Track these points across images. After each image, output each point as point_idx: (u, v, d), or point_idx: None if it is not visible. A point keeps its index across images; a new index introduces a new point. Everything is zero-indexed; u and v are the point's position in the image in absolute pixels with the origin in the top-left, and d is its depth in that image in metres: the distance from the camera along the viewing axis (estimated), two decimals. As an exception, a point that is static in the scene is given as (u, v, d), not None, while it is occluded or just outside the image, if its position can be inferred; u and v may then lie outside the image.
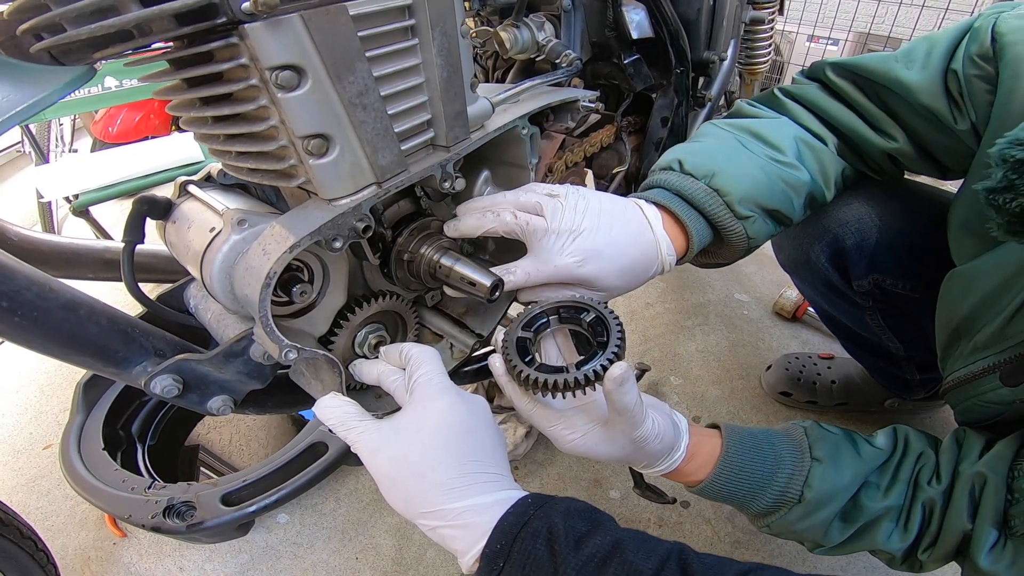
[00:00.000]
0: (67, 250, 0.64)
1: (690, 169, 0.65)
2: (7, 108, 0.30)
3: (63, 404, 1.47)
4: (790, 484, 0.61)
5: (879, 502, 0.60)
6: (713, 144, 0.70)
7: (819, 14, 2.66)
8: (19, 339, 0.42)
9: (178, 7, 0.34)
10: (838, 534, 0.61)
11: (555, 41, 0.75)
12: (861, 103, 0.71)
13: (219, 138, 0.44)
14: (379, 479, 0.48)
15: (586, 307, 0.57)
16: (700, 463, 0.63)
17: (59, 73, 0.34)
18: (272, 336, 0.43)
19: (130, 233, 0.50)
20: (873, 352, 1.10)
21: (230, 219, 0.45)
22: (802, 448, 0.63)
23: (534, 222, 0.58)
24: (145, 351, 0.47)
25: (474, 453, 0.48)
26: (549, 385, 0.51)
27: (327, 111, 0.41)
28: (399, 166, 0.47)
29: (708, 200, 0.64)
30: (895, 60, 0.67)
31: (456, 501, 0.45)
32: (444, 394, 0.50)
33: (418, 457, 0.46)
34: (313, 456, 1.01)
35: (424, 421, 0.48)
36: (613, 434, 0.57)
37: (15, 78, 0.32)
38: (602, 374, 0.50)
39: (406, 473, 0.46)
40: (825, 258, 0.89)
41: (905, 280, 0.86)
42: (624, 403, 0.52)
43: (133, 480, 0.98)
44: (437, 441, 0.47)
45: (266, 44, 0.37)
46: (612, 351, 0.52)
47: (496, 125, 0.57)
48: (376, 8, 0.42)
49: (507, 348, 0.55)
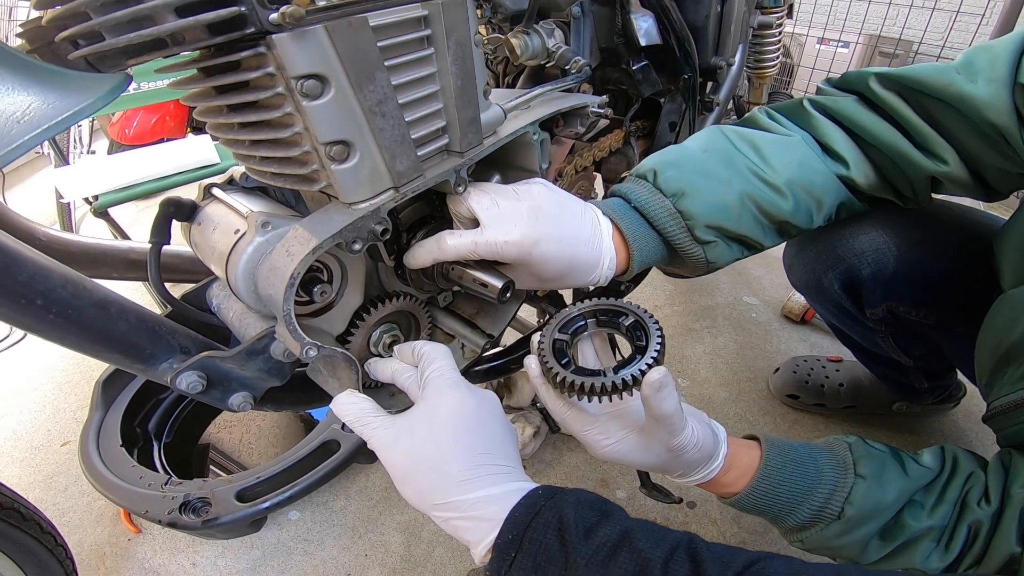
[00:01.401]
0: (94, 250, 0.66)
1: (661, 183, 0.63)
2: (53, 114, 0.31)
3: (80, 401, 1.50)
4: (831, 500, 0.59)
5: (923, 521, 0.58)
6: (696, 156, 0.67)
7: (829, 16, 2.66)
8: (53, 336, 0.44)
9: (211, 18, 0.36)
10: (875, 552, 0.60)
11: (565, 48, 0.77)
12: (908, 119, 0.64)
13: (244, 143, 0.46)
14: (393, 473, 0.49)
15: (625, 311, 0.56)
16: (737, 474, 0.61)
17: (100, 80, 0.35)
18: (295, 334, 0.45)
19: (157, 234, 0.52)
20: (882, 363, 1.11)
21: (254, 221, 0.47)
22: (846, 464, 0.61)
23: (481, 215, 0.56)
24: (171, 348, 0.49)
25: (484, 446, 0.48)
26: (586, 388, 0.51)
27: (349, 118, 0.42)
28: (415, 171, 0.49)
29: (669, 222, 0.63)
30: (956, 72, 0.61)
31: (467, 493, 0.46)
32: (454, 389, 0.51)
33: (430, 450, 0.47)
34: (325, 454, 1.02)
35: (435, 415, 0.49)
36: (649, 442, 0.56)
37: (60, 85, 0.34)
38: (640, 379, 0.49)
39: (419, 466, 0.47)
40: (838, 285, 0.87)
41: (919, 308, 0.84)
42: (663, 410, 0.51)
43: (150, 476, 1.00)
44: (448, 434, 0.48)
45: (292, 54, 0.39)
46: (652, 355, 0.51)
47: (508, 131, 0.59)
48: (394, 19, 0.44)
49: (543, 350, 0.55)
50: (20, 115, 0.31)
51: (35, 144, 0.30)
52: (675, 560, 0.41)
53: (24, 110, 0.31)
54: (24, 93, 0.32)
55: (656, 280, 1.74)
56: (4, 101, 0.32)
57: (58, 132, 0.32)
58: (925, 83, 0.62)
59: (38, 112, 0.32)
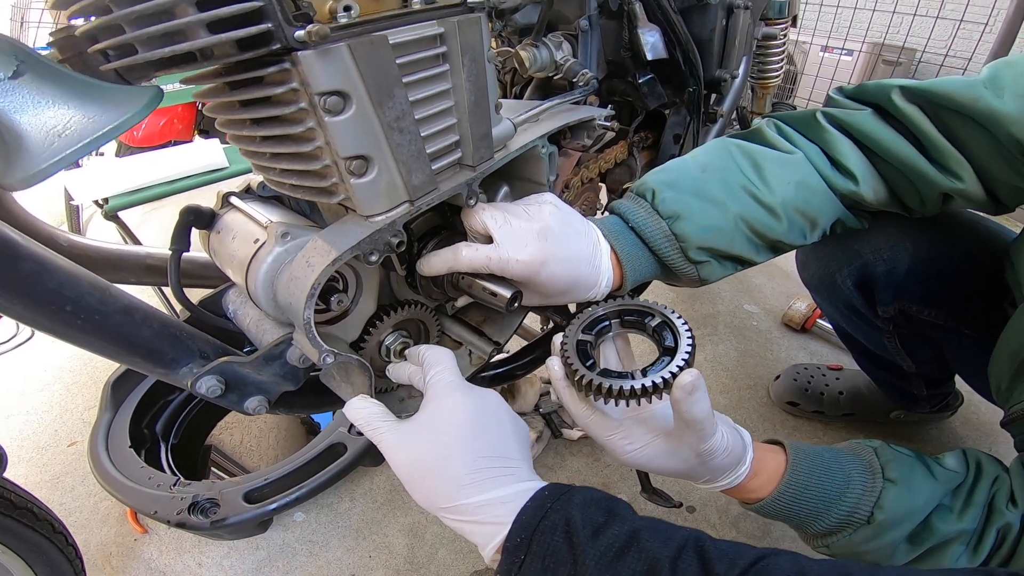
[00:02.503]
0: (112, 255, 0.67)
1: (658, 205, 0.65)
2: (94, 128, 0.33)
3: (88, 402, 1.52)
4: (859, 504, 0.59)
5: (952, 525, 0.58)
6: (694, 176, 0.67)
7: (833, 24, 2.68)
8: (80, 341, 0.45)
9: (241, 35, 0.37)
10: (903, 556, 0.59)
11: (572, 60, 0.78)
12: (928, 134, 0.64)
13: (265, 155, 0.48)
14: (400, 476, 0.50)
15: (651, 311, 0.55)
16: (764, 480, 0.61)
17: (137, 93, 0.37)
18: (314, 342, 0.46)
19: (177, 241, 0.54)
20: (884, 368, 1.12)
21: (274, 232, 0.48)
22: (873, 468, 0.61)
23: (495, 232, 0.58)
24: (191, 353, 0.50)
25: (485, 448, 0.48)
26: (613, 392, 0.49)
27: (368, 134, 0.44)
28: (430, 185, 0.50)
29: (664, 243, 0.65)
30: (983, 87, 0.60)
31: (472, 496, 0.46)
32: (454, 392, 0.51)
33: (433, 455, 0.48)
34: (332, 456, 1.04)
35: (437, 419, 0.50)
36: (677, 446, 0.55)
37: (99, 98, 0.35)
38: (671, 382, 0.48)
39: (423, 470, 0.48)
40: (852, 282, 0.88)
41: (931, 308, 0.85)
42: (694, 414, 0.50)
43: (159, 477, 1.02)
44: (448, 438, 0.48)
45: (316, 71, 0.40)
46: (683, 357, 0.49)
47: (518, 145, 0.61)
48: (412, 37, 0.46)
49: (567, 351, 0.54)
50: (61, 129, 0.33)
51: (75, 159, 0.32)
52: (683, 559, 0.41)
53: (65, 124, 0.33)
54: (65, 107, 0.34)
55: (657, 288, 1.76)
56: (46, 115, 0.33)
57: (98, 147, 0.33)
58: (953, 98, 0.61)
59: (79, 126, 0.33)
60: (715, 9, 0.86)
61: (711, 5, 0.85)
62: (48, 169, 0.31)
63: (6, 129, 0.32)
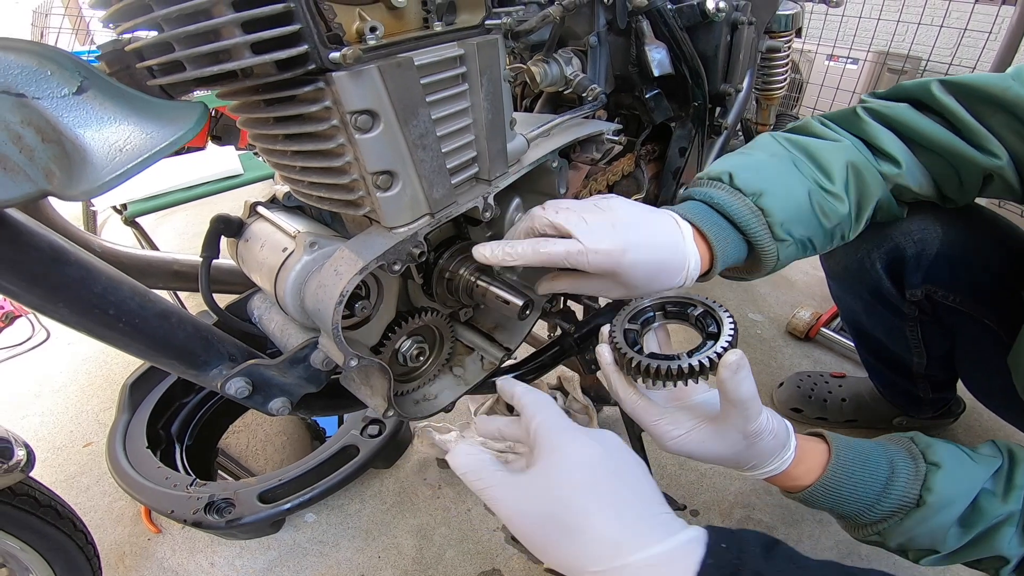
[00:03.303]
0: (142, 261, 0.70)
1: (740, 184, 0.65)
2: (152, 145, 0.35)
3: (102, 404, 1.54)
4: (909, 488, 0.59)
5: (999, 507, 0.59)
6: (765, 160, 0.70)
7: (838, 33, 2.70)
8: (120, 343, 0.48)
9: (283, 56, 0.40)
10: (955, 540, 0.59)
11: (582, 76, 0.81)
12: (964, 120, 0.69)
13: (295, 168, 0.51)
14: (528, 541, 0.44)
15: (693, 302, 0.57)
16: (809, 467, 0.61)
17: (188, 109, 0.39)
18: (341, 347, 0.49)
19: (207, 249, 0.57)
20: (892, 367, 1.14)
21: (302, 241, 0.51)
22: (914, 454, 0.61)
23: (565, 224, 0.58)
24: (221, 356, 0.53)
25: (628, 497, 0.44)
26: (662, 372, 0.50)
27: (394, 150, 0.46)
28: (449, 198, 0.53)
29: (752, 220, 0.64)
30: (1011, 79, 0.67)
31: (633, 554, 0.41)
32: (573, 438, 0.47)
33: (566, 514, 0.42)
34: (344, 458, 1.06)
35: (559, 473, 0.44)
36: (724, 429, 0.54)
37: (155, 115, 0.37)
38: (716, 362, 0.50)
39: (558, 534, 0.42)
40: (881, 264, 0.91)
41: (957, 293, 0.88)
42: (740, 393, 0.50)
43: (175, 477, 1.05)
44: (581, 491, 0.43)
45: (349, 91, 0.42)
46: (726, 339, 0.51)
47: (531, 159, 0.63)
48: (435, 58, 0.48)
49: (615, 338, 0.56)
50: (122, 144, 0.35)
51: (134, 174, 0.34)
52: None
53: (125, 139, 0.35)
54: (125, 123, 0.36)
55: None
56: (107, 131, 0.36)
57: (154, 163, 0.35)
58: (984, 88, 0.68)
59: (137, 142, 0.35)
60: (720, 26, 0.88)
61: (716, 22, 0.88)
62: (110, 183, 0.34)
63: (70, 143, 0.34)
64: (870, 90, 2.49)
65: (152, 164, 0.35)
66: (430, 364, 0.70)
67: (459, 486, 1.24)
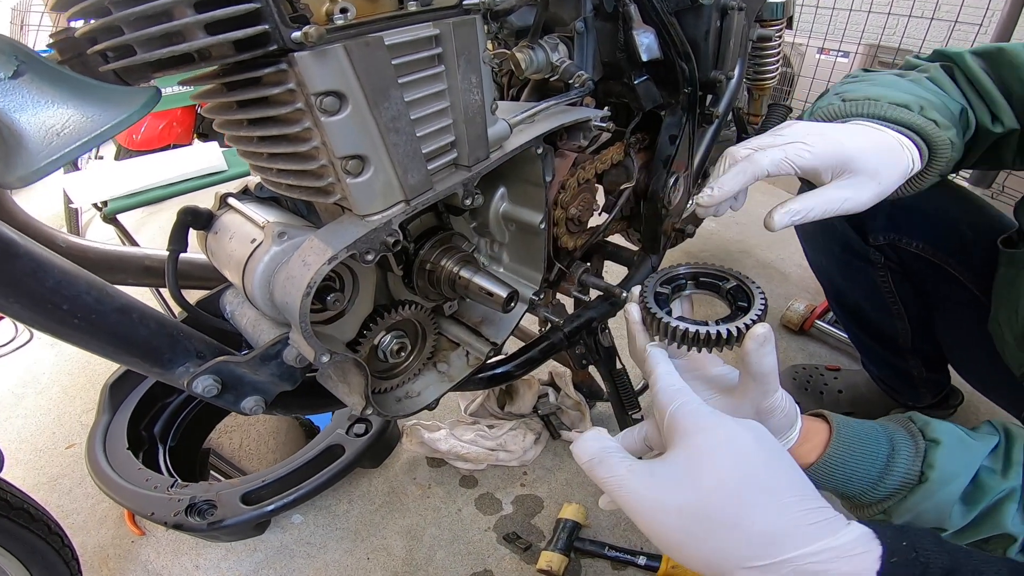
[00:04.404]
0: (111, 256, 0.68)
1: (894, 100, 0.66)
2: (92, 128, 0.33)
3: (85, 405, 1.52)
4: (911, 464, 0.59)
5: (1000, 482, 0.58)
6: (889, 80, 0.72)
7: (829, 26, 2.69)
8: (76, 340, 0.45)
9: (239, 36, 0.38)
10: (960, 518, 0.59)
11: (568, 62, 0.79)
12: (987, 88, 0.73)
13: (262, 155, 0.48)
14: (666, 535, 0.40)
15: (726, 275, 0.58)
16: (812, 445, 0.61)
17: (135, 94, 0.37)
18: (310, 341, 0.47)
19: (175, 242, 0.54)
20: (880, 341, 1.14)
21: (271, 231, 0.48)
22: (912, 431, 0.62)
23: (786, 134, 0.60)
24: (188, 353, 0.51)
25: (785, 487, 0.41)
26: (689, 335, 0.51)
27: (364, 134, 0.44)
28: (426, 185, 0.51)
29: (924, 124, 0.65)
30: None
31: (800, 547, 0.38)
32: (721, 423, 0.43)
33: (722, 502, 0.39)
34: (330, 458, 1.04)
35: (709, 459, 0.41)
36: (739, 403, 0.54)
37: (97, 98, 0.35)
38: (744, 332, 0.50)
39: (711, 524, 0.39)
40: (845, 217, 0.93)
41: (919, 240, 0.92)
42: (763, 365, 0.50)
43: (156, 479, 1.02)
44: (738, 478, 0.40)
45: (312, 71, 0.40)
46: (757, 311, 0.52)
47: (513, 145, 0.61)
48: (408, 38, 0.46)
49: (645, 298, 0.56)
50: (60, 128, 0.33)
51: (73, 158, 0.32)
52: None
53: (63, 123, 0.33)
54: (63, 106, 0.34)
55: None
56: (44, 114, 0.33)
57: (96, 146, 0.33)
58: (1011, 52, 0.72)
59: (77, 125, 0.33)
60: (709, 10, 0.86)
61: (704, 7, 0.85)
62: (47, 167, 0.32)
63: (5, 128, 0.32)
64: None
65: (93, 147, 0.32)
66: (412, 360, 0.68)
67: (449, 485, 1.22)
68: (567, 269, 0.84)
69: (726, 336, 0.50)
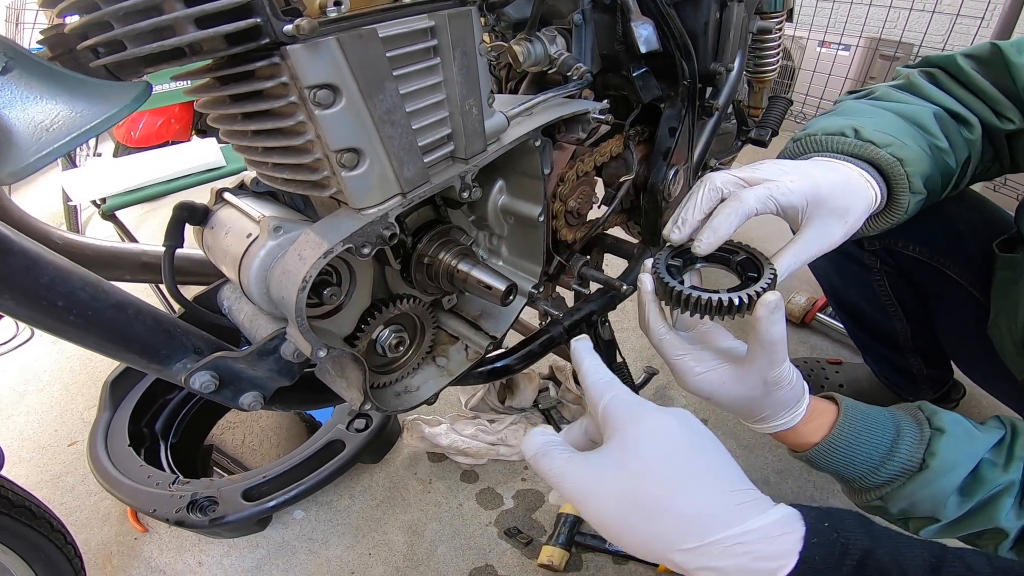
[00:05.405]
0: (107, 253, 0.67)
1: (869, 137, 0.65)
2: (81, 123, 0.33)
3: (87, 402, 1.52)
4: (913, 451, 0.59)
5: (1000, 476, 0.59)
6: (876, 113, 0.70)
7: (830, 20, 2.67)
8: (73, 337, 0.45)
9: (229, 29, 0.37)
10: (955, 509, 0.60)
11: (566, 54, 0.78)
12: (983, 88, 0.73)
13: (257, 149, 0.48)
14: (602, 521, 0.42)
15: (737, 249, 0.58)
16: (817, 424, 0.61)
17: (124, 89, 0.37)
18: (307, 335, 0.46)
19: (171, 238, 0.54)
20: (880, 339, 1.14)
21: (267, 226, 0.48)
22: (919, 419, 0.62)
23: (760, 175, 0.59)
24: (185, 349, 0.50)
25: (710, 471, 0.42)
26: (702, 303, 0.51)
27: (359, 127, 0.44)
28: (422, 178, 0.50)
29: (893, 170, 0.64)
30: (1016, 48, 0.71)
31: (721, 531, 0.39)
32: (647, 412, 0.45)
33: (652, 488, 0.40)
34: (330, 453, 1.04)
35: (635, 447, 0.42)
36: (746, 372, 0.55)
37: (86, 94, 0.35)
38: (755, 300, 0.50)
39: (643, 510, 0.40)
40: None
41: (915, 243, 0.91)
42: (772, 334, 0.50)
43: (158, 476, 1.02)
44: (667, 465, 0.41)
45: (305, 64, 0.40)
46: (767, 280, 0.52)
47: (511, 138, 0.60)
48: (402, 30, 0.45)
49: (658, 268, 0.57)
50: (48, 123, 0.33)
51: (62, 153, 0.32)
52: None
53: (52, 119, 0.33)
54: (52, 102, 0.34)
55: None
56: (33, 110, 0.33)
57: (85, 141, 0.33)
58: (1004, 54, 0.71)
59: (66, 120, 0.33)
60: (708, 2, 0.86)
61: (704, -2, 0.85)
62: (36, 163, 0.31)
63: (-7, 124, 0.32)
64: (862, 76, 2.42)
65: (82, 142, 0.32)
66: (411, 354, 0.68)
67: (450, 480, 1.22)
68: (566, 262, 0.84)
69: (738, 303, 0.51)
